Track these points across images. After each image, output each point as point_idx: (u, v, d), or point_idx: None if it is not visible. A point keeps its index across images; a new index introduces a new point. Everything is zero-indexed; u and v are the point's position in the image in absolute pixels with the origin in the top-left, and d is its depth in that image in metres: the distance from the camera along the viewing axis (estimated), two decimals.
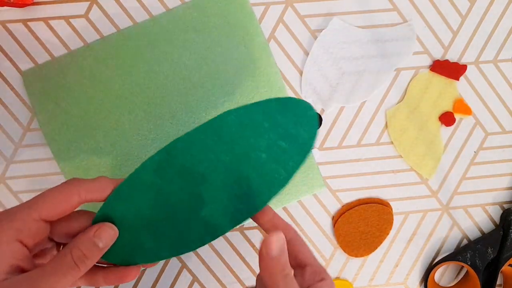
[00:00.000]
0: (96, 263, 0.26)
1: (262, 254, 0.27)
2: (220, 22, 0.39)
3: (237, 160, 0.30)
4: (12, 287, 0.23)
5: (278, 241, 0.27)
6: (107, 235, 0.26)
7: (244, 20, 0.40)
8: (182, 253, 0.30)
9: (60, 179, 0.39)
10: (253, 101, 0.38)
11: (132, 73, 0.39)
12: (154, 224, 0.29)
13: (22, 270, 0.24)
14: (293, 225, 0.40)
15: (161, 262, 0.40)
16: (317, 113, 0.33)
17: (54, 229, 0.26)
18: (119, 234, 0.28)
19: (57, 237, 0.27)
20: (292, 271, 0.26)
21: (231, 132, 0.30)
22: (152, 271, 0.40)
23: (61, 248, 0.28)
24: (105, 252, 0.26)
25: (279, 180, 0.30)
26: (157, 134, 0.39)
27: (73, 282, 0.25)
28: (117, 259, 0.28)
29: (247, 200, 0.30)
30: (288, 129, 0.31)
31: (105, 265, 0.29)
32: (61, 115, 0.39)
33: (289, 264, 0.26)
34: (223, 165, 0.30)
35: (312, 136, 0.31)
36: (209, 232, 0.30)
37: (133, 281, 0.40)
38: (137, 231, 0.29)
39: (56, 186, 0.26)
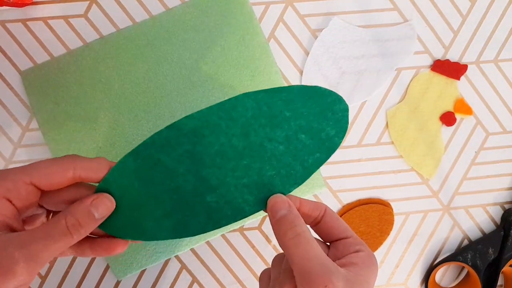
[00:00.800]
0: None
1: (270, 220, 0.26)
2: (220, 21, 0.39)
3: (251, 148, 0.28)
4: (0, 244, 0.22)
5: (280, 202, 0.26)
6: (104, 206, 0.26)
7: (244, 19, 0.39)
8: (181, 237, 0.28)
9: None
10: None
11: (131, 73, 0.39)
12: (157, 203, 0.27)
13: (11, 229, 0.24)
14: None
15: (161, 263, 0.40)
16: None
17: (45, 196, 0.26)
18: (119, 208, 0.27)
19: (47, 204, 0.26)
20: (307, 232, 0.25)
21: (247, 117, 0.27)
22: (151, 271, 0.40)
23: (51, 216, 0.28)
24: (102, 223, 0.26)
25: (294, 177, 0.28)
26: None
27: (62, 251, 0.24)
28: (113, 231, 0.27)
29: (257, 192, 0.28)
30: (311, 122, 0.28)
31: (94, 236, 0.28)
32: (60, 115, 0.39)
33: (301, 223, 0.25)
34: (235, 151, 0.28)
35: (340, 133, 0.28)
36: (212, 219, 0.28)
37: (133, 281, 0.40)
38: (138, 208, 0.27)
39: (53, 158, 0.26)
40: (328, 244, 0.27)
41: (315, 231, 0.28)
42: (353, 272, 0.24)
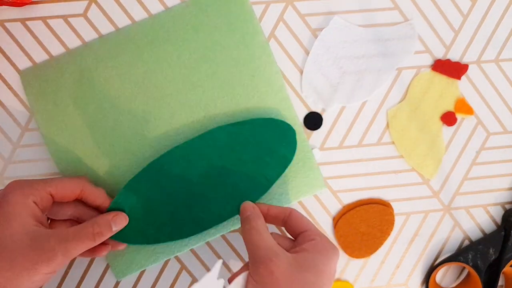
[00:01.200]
0: None
1: (240, 220, 0.34)
2: (220, 21, 0.39)
3: (227, 169, 0.36)
4: (43, 237, 0.29)
5: (247, 206, 0.34)
6: (121, 222, 0.34)
7: (244, 19, 0.39)
8: (176, 239, 0.37)
9: None
10: (253, 101, 0.39)
11: (131, 72, 0.39)
12: (157, 215, 0.36)
13: (43, 224, 0.31)
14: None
15: (160, 263, 0.40)
16: (318, 114, 0.40)
17: (52, 206, 0.33)
18: (129, 220, 0.35)
19: (51, 212, 0.34)
20: (262, 226, 0.32)
21: (222, 145, 0.36)
22: (151, 271, 0.40)
23: (48, 222, 0.34)
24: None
25: (261, 187, 0.36)
26: (156, 134, 0.39)
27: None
28: (122, 239, 0.35)
29: (233, 201, 0.36)
30: (270, 145, 0.36)
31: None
32: (59, 115, 0.38)
33: (258, 220, 0.32)
34: (215, 171, 0.36)
35: (291, 152, 0.37)
36: (200, 225, 0.36)
37: (132, 282, 0.40)
38: (143, 219, 0.35)
39: (69, 177, 0.34)
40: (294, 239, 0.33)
41: (285, 229, 0.34)
42: (301, 256, 0.29)
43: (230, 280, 0.31)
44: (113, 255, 0.39)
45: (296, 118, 0.40)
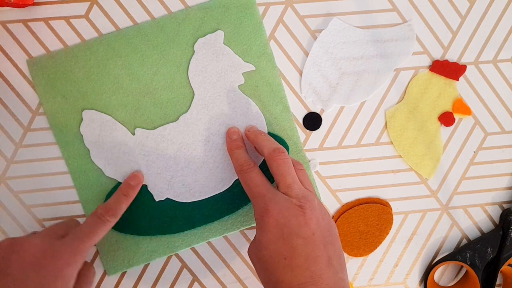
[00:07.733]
0: None
1: (226, 140, 0.39)
2: (230, 30, 0.39)
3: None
4: (72, 251, 0.33)
5: (234, 130, 0.39)
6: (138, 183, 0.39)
7: (253, 31, 0.40)
8: (166, 234, 0.39)
9: (62, 179, 0.39)
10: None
11: (140, 73, 0.39)
12: (149, 207, 0.39)
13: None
14: None
15: (161, 261, 0.40)
16: (317, 114, 0.40)
17: None
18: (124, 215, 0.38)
19: None
20: (244, 150, 0.37)
21: None
22: (152, 270, 0.40)
23: None
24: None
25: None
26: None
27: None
28: (115, 226, 0.37)
29: (226, 204, 0.40)
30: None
31: None
32: (68, 108, 0.39)
33: (242, 144, 0.38)
34: None
35: None
36: (190, 222, 0.40)
37: (133, 281, 0.40)
38: (136, 210, 0.39)
39: (93, 231, 0.34)
40: None
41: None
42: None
43: None
44: (105, 252, 0.39)
45: (295, 129, 0.40)
